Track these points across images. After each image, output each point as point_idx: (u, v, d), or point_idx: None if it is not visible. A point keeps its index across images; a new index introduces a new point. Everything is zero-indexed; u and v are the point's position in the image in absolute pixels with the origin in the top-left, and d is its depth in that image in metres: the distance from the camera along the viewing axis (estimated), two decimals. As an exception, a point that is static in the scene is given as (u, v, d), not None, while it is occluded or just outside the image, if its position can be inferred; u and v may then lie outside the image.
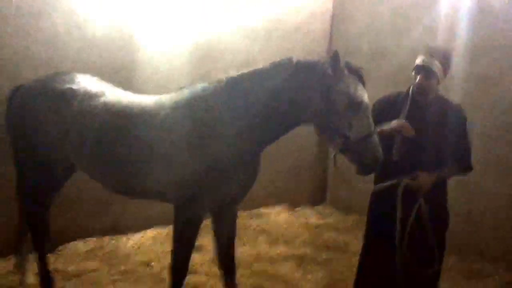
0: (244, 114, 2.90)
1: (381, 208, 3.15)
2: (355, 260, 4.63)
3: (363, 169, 2.80)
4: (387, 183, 3.04)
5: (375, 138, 2.76)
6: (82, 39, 4.50)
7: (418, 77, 2.98)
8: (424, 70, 2.96)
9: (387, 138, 2.99)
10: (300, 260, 4.66)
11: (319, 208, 6.29)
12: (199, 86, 3.10)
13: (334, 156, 2.92)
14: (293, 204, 6.16)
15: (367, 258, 3.31)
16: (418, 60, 2.99)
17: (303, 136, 5.80)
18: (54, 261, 4.19)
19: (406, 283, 3.03)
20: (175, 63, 5.06)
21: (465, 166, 3.15)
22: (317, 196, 6.46)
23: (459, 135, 3.06)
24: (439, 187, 3.08)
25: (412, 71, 3.04)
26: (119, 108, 3.17)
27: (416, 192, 2.98)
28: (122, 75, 4.66)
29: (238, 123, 2.91)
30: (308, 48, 5.86)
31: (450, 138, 3.03)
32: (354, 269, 4.46)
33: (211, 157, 2.89)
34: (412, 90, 3.07)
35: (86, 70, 3.94)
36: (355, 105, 2.72)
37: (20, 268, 3.82)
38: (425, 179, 2.95)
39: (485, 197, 4.67)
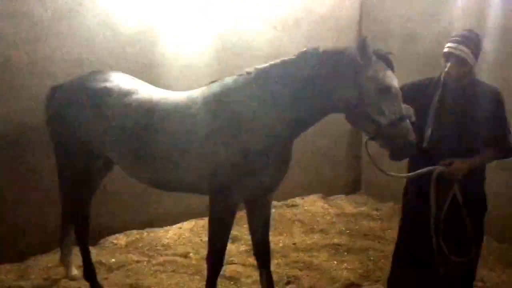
0: (275, 105, 2.94)
1: (416, 196, 3.13)
2: (391, 248, 4.61)
3: (396, 154, 2.80)
4: (421, 171, 2.99)
5: (407, 122, 2.75)
6: (114, 39, 4.61)
7: (448, 65, 2.94)
8: (452, 57, 2.92)
9: (420, 126, 2.98)
10: (336, 249, 4.67)
11: (354, 196, 6.27)
12: (229, 79, 3.15)
13: (366, 142, 2.93)
14: (327, 193, 6.16)
15: (402, 246, 3.29)
16: (446, 47, 2.95)
17: (337, 124, 5.78)
18: (97, 254, 4.34)
19: (443, 270, 3.01)
20: (204, 58, 5.12)
21: (505, 150, 3.04)
22: (351, 184, 6.44)
23: (495, 119, 2.98)
24: (476, 173, 3.03)
25: (442, 57, 3.00)
26: (153, 105, 3.26)
27: (450, 179, 2.94)
28: (152, 72, 4.76)
29: (270, 114, 2.95)
30: (338, 35, 5.82)
31: (486, 122, 2.95)
32: (390, 257, 4.49)
33: (244, 148, 2.95)
34: (443, 77, 3.03)
35: (118, 68, 4.06)
36: (385, 90, 2.73)
37: (65, 261, 4.00)
38: (459, 166, 2.90)
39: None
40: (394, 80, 2.78)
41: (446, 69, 2.95)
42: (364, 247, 4.70)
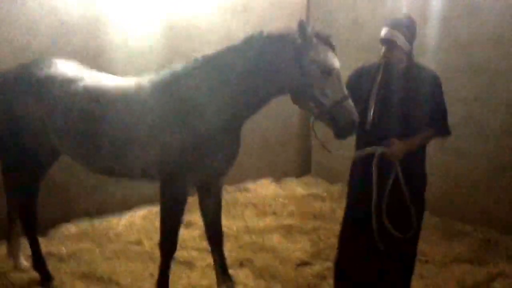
0: (222, 90, 2.99)
1: (360, 177, 3.24)
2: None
3: (340, 133, 2.90)
4: (363, 152, 3.11)
5: (349, 102, 2.86)
6: (58, 25, 4.48)
7: (383, 49, 3.05)
8: (387, 42, 3.02)
9: (364, 108, 3.08)
10: (288, 231, 4.78)
11: (304, 179, 6.42)
12: (178, 66, 3.17)
13: (312, 123, 3.04)
14: (279, 176, 6.27)
15: (348, 226, 3.39)
16: (381, 33, 3.04)
17: (286, 108, 5.88)
18: (47, 244, 4.25)
19: (385, 247, 3.13)
20: (152, 44, 5.06)
21: (442, 131, 3.19)
22: (302, 167, 6.58)
23: (434, 101, 3.10)
24: (417, 152, 3.14)
25: (379, 44, 3.09)
26: (99, 91, 3.22)
27: (391, 159, 3.05)
28: (99, 58, 4.67)
29: (218, 99, 2.99)
30: (286, 21, 5.84)
31: (424, 104, 3.07)
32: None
33: (194, 133, 2.97)
34: (380, 62, 3.13)
35: (63, 55, 3.94)
36: (327, 71, 2.82)
37: (13, 253, 3.90)
38: (399, 146, 3.01)
39: (463, 159, 4.80)
40: (335, 61, 2.87)
41: (381, 53, 3.06)
42: (315, 227, 4.84)
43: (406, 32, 3.01)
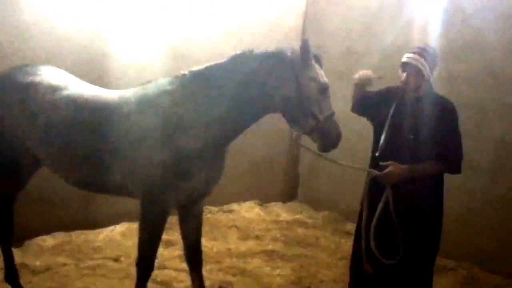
0: (210, 107, 2.94)
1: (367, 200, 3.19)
2: (324, 256, 4.77)
3: (329, 146, 2.95)
4: (354, 166, 3.19)
5: (335, 117, 2.96)
6: (53, 33, 4.45)
7: (404, 75, 3.02)
8: (409, 67, 3.01)
9: (378, 135, 3.09)
10: (270, 256, 4.70)
11: (290, 204, 6.36)
12: (164, 80, 3.11)
13: (295, 136, 3.10)
14: (264, 200, 6.21)
15: (354, 246, 3.35)
16: (405, 57, 3.04)
17: (274, 132, 5.87)
18: (21, 256, 4.14)
19: (371, 271, 3.09)
20: (147, 60, 5.06)
21: (450, 166, 3.05)
22: (288, 192, 6.53)
23: (446, 133, 3.01)
24: (416, 184, 3.01)
25: (399, 68, 3.08)
26: (82, 102, 3.14)
27: (382, 182, 3.00)
28: (93, 70, 4.64)
29: (205, 116, 2.94)
30: (281, 45, 5.89)
31: (436, 135, 2.99)
32: (323, 264, 4.58)
33: (178, 151, 2.91)
34: (400, 87, 3.11)
35: (56, 64, 3.89)
36: (324, 89, 2.90)
37: (-15, 263, 3.78)
38: (393, 171, 2.95)
39: (448, 194, 4.75)
40: (325, 78, 2.97)
41: (403, 79, 3.03)
42: (298, 254, 4.77)
43: (429, 60, 3.01)
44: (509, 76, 4.39)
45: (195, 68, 3.06)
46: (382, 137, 3.08)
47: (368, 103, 3.35)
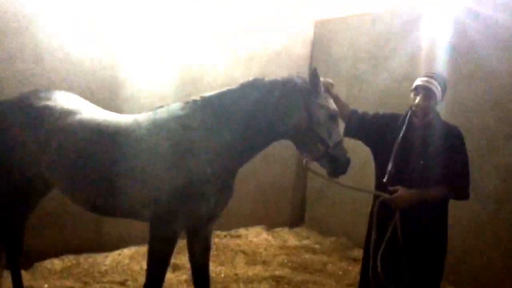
0: (221, 133, 3.01)
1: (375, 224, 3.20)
2: (331, 282, 4.74)
3: (339, 171, 3.04)
4: (361, 188, 3.27)
5: (344, 142, 3.07)
6: (67, 60, 4.57)
7: (418, 98, 3.05)
8: (423, 89, 3.04)
9: (385, 158, 3.13)
10: (277, 281, 4.68)
11: (297, 229, 6.35)
12: (175, 105, 3.18)
13: (305, 162, 3.15)
14: (271, 225, 6.20)
15: (362, 271, 3.36)
16: (418, 81, 3.08)
17: (282, 158, 5.91)
18: (30, 278, 4.17)
19: None
20: (158, 85, 5.16)
21: (458, 192, 3.07)
22: (295, 218, 6.52)
23: (454, 158, 3.04)
24: (424, 210, 3.02)
25: (411, 93, 3.11)
26: (94, 126, 3.20)
27: (392, 207, 3.02)
28: (105, 95, 4.75)
29: (216, 141, 3.00)
30: (289, 72, 5.97)
31: (445, 160, 3.01)
32: (329, 291, 4.53)
33: (188, 175, 2.95)
34: (410, 111, 3.14)
35: (70, 89, 4.01)
36: (334, 116, 3.01)
37: (-5, 285, 3.81)
38: (403, 195, 2.98)
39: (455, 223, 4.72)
40: (335, 107, 3.07)
41: (416, 101, 3.05)
42: (305, 280, 4.74)
43: (442, 85, 3.07)
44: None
45: (206, 94, 3.14)
46: (390, 162, 3.11)
47: (366, 127, 3.33)
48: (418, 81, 3.09)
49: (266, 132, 3.03)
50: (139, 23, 4.98)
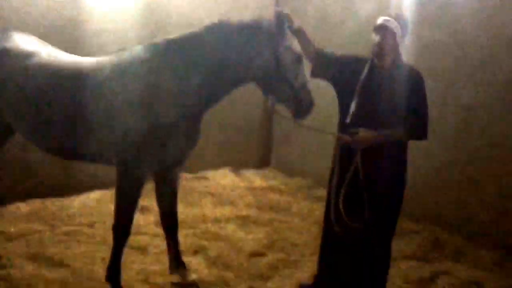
0: (187, 76, 2.97)
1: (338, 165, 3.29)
2: (297, 221, 4.89)
3: (303, 113, 3.11)
4: (325, 131, 3.31)
5: (309, 84, 3.10)
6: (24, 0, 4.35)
7: (378, 37, 3.07)
8: (383, 29, 3.05)
9: (347, 101, 3.16)
10: (244, 221, 4.81)
11: (264, 171, 6.46)
12: (139, 48, 3.11)
13: (272, 103, 3.17)
14: (238, 167, 6.28)
15: (326, 210, 3.44)
16: (379, 20, 3.09)
17: (248, 100, 5.90)
18: (-4, 223, 4.15)
19: (339, 230, 3.20)
20: (120, 24, 5.00)
21: (416, 132, 3.15)
22: (262, 159, 6.62)
23: (413, 100, 3.09)
24: (383, 150, 3.11)
25: (372, 33, 3.11)
26: (56, 69, 3.11)
27: (352, 147, 3.10)
28: (65, 36, 4.57)
29: (181, 85, 2.97)
30: (254, 11, 5.84)
31: (405, 102, 3.07)
32: (295, 229, 4.70)
33: (154, 118, 2.94)
34: (371, 52, 3.14)
35: (28, 30, 3.82)
36: (299, 58, 3.04)
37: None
38: (363, 136, 3.04)
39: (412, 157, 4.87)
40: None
41: (377, 41, 3.07)
42: (271, 219, 4.89)
43: (401, 24, 3.08)
44: (474, 44, 4.50)
45: (171, 37, 3.06)
46: (353, 104, 3.15)
47: (330, 65, 3.30)
48: (381, 20, 3.10)
49: (233, 75, 3.02)
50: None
